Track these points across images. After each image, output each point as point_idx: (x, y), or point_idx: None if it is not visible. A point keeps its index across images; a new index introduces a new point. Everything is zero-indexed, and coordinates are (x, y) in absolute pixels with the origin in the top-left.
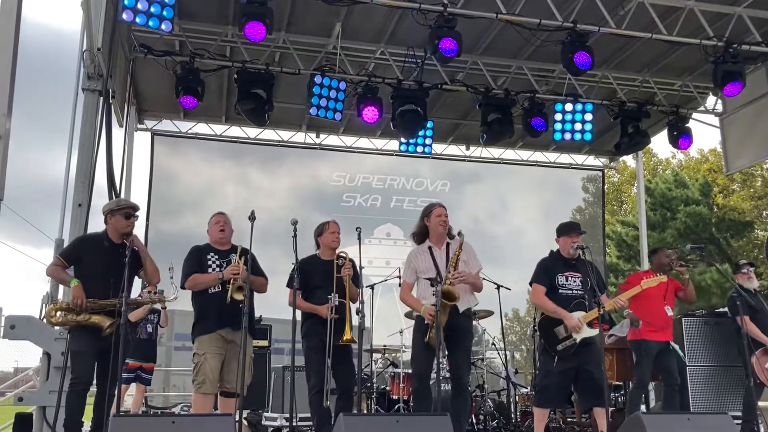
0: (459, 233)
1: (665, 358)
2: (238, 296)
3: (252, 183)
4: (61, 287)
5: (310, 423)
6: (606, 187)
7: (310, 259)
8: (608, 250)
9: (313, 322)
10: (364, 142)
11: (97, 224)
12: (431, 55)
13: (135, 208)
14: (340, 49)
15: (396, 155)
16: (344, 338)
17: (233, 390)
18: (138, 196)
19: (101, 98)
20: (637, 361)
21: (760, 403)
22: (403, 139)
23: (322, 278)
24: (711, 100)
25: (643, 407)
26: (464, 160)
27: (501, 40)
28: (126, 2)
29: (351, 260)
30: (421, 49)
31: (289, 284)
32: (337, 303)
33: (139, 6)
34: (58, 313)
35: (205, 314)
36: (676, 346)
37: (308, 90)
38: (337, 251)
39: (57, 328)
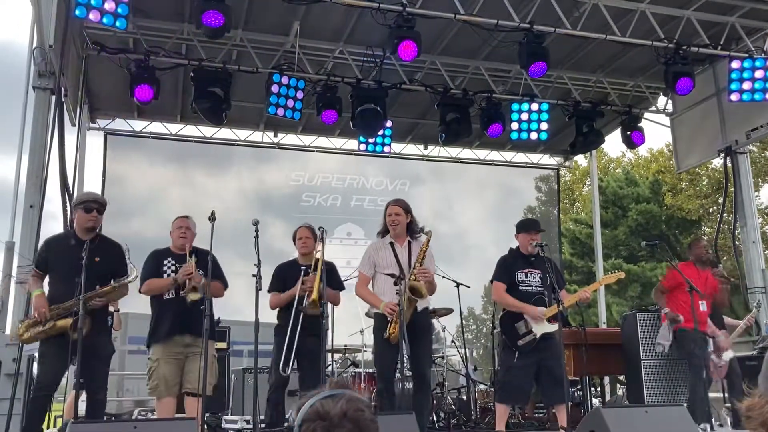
0: (422, 229)
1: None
2: (194, 296)
3: (209, 183)
4: (11, 293)
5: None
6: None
7: (290, 263)
8: (562, 248)
9: (285, 323)
10: (323, 142)
11: (49, 226)
12: (390, 55)
13: (96, 201)
14: (298, 48)
15: (355, 154)
16: (312, 298)
17: (195, 390)
18: None
19: (53, 96)
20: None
21: (711, 395)
22: (362, 138)
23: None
24: (662, 101)
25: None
26: (423, 160)
27: (459, 40)
28: None
29: (330, 263)
30: (380, 48)
31: (269, 288)
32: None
33: (93, 3)
34: (26, 331)
35: (161, 320)
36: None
37: (266, 89)
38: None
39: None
